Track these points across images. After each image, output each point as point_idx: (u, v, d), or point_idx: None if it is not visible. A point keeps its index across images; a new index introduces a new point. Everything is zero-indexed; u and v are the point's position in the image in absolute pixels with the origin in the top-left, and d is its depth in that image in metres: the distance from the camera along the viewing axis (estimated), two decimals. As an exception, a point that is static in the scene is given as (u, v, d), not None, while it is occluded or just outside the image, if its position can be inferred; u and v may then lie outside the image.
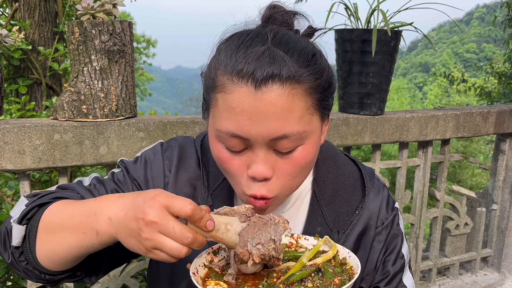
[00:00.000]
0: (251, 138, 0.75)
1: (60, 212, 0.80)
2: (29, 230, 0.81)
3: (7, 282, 1.90)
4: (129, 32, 1.57)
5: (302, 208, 0.96)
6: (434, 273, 2.52)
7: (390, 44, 1.90)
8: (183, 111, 31.61)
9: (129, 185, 0.94)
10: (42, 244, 0.80)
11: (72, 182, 0.96)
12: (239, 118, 0.74)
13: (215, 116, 0.79)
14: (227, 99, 0.75)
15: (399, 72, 68.00)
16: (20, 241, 0.81)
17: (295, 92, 0.74)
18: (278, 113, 0.73)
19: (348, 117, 1.96)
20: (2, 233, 0.85)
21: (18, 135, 1.43)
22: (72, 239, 0.77)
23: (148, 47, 19.43)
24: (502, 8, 8.10)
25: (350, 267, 0.78)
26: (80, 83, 1.52)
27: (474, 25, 76.77)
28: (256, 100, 0.73)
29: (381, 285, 0.96)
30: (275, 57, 0.74)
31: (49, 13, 2.81)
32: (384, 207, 0.98)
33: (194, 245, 0.68)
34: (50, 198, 0.85)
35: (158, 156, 0.96)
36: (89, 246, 0.76)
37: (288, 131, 0.75)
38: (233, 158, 0.79)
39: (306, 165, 0.81)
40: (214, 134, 0.81)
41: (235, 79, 0.74)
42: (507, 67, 9.34)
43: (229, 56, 0.77)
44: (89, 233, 0.74)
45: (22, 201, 0.87)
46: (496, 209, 2.67)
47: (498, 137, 2.63)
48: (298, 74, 0.74)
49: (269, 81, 0.73)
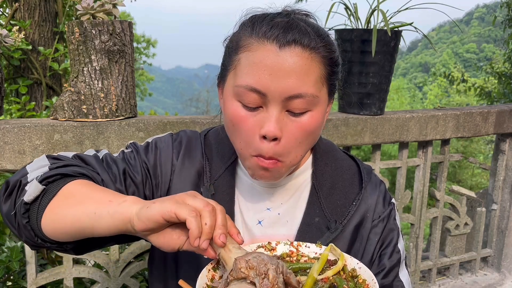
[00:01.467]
0: (269, 94, 0.81)
1: (87, 187, 0.85)
2: (45, 193, 0.84)
3: (7, 282, 1.90)
4: (129, 32, 1.57)
5: (301, 199, 1.00)
6: (434, 273, 2.52)
7: (390, 44, 1.90)
8: (183, 111, 31.59)
9: (138, 168, 0.97)
10: (54, 207, 0.83)
11: (88, 155, 0.97)
12: (261, 73, 0.81)
13: (237, 74, 0.85)
14: (251, 56, 0.82)
15: (399, 72, 68.00)
16: (32, 199, 0.83)
17: (313, 58, 0.83)
18: (297, 72, 0.81)
19: (348, 117, 1.95)
20: (11, 183, 0.87)
21: (18, 135, 1.43)
22: (90, 205, 0.79)
23: (148, 47, 19.44)
24: (502, 8, 8.10)
25: (363, 281, 0.77)
26: (80, 83, 1.52)
27: (474, 25, 76.75)
28: (279, 57, 0.80)
29: (378, 279, 0.96)
30: (299, 26, 0.83)
31: (49, 13, 2.81)
32: (381, 202, 1.01)
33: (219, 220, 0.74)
34: (76, 172, 0.88)
35: (169, 144, 1.02)
36: (101, 216, 0.78)
37: (304, 90, 0.82)
38: (247, 117, 0.84)
39: (312, 131, 0.87)
40: (232, 92, 0.86)
41: (261, 39, 0.82)
42: (507, 67, 9.34)
43: (256, 22, 0.85)
44: (114, 201, 0.79)
45: (43, 160, 0.90)
46: (496, 209, 2.67)
47: (498, 137, 2.62)
48: (317, 43, 0.83)
49: (292, 44, 0.81)
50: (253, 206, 0.99)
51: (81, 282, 1.94)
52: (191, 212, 0.71)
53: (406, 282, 0.98)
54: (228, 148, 1.01)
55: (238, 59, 0.85)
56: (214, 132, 1.07)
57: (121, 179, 0.94)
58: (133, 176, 0.96)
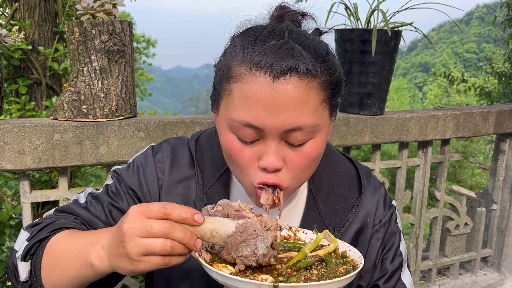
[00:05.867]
0: (265, 129, 0.76)
1: (59, 246, 0.82)
2: (34, 265, 0.84)
3: (7, 282, 1.90)
4: (129, 32, 1.57)
5: (298, 205, 0.97)
6: (434, 273, 2.52)
7: (390, 44, 1.90)
8: (183, 111, 31.58)
9: (122, 196, 0.94)
10: (47, 278, 0.83)
11: (69, 204, 0.98)
12: (255, 108, 0.75)
13: (229, 106, 0.79)
14: (243, 89, 0.76)
15: (399, 72, 67.97)
16: (27, 276, 0.84)
17: (311, 86, 0.76)
18: (294, 104, 0.75)
19: (348, 117, 1.95)
20: (10, 268, 0.88)
21: (18, 135, 1.43)
22: (71, 271, 0.78)
23: (148, 47, 19.42)
24: (502, 8, 8.09)
25: (351, 259, 0.80)
26: (80, 83, 1.52)
27: (474, 25, 76.73)
28: (274, 91, 0.74)
29: (380, 283, 0.96)
30: (294, 51, 0.75)
31: (49, 13, 2.81)
32: (382, 205, 0.99)
33: (176, 234, 0.67)
34: (50, 231, 0.86)
35: (150, 160, 0.97)
36: (86, 277, 0.78)
37: (303, 123, 0.76)
38: (244, 149, 0.80)
39: (316, 158, 0.83)
40: (226, 124, 0.81)
41: (253, 69, 0.75)
42: (507, 67, 9.34)
43: (246, 47, 0.78)
44: (85, 264, 0.76)
45: (23, 234, 0.89)
46: (496, 209, 2.67)
47: (498, 137, 2.62)
48: (315, 69, 0.76)
49: (287, 74, 0.74)
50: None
51: (81, 282, 1.93)
52: (139, 263, 0.67)
53: (408, 283, 0.97)
54: (221, 154, 0.94)
55: (230, 89, 0.79)
56: (206, 136, 1.02)
57: (106, 214, 0.93)
58: (118, 205, 0.93)
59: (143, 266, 0.68)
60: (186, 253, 0.70)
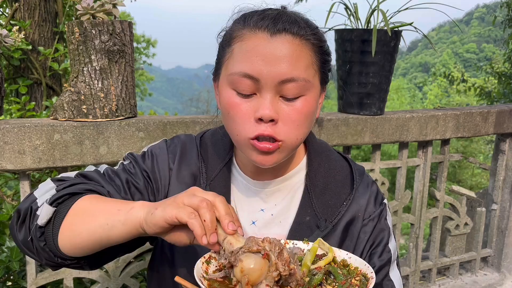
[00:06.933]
0: (262, 79, 0.84)
1: (95, 199, 0.88)
2: (56, 213, 0.87)
3: (7, 282, 1.90)
4: (129, 32, 1.57)
5: (295, 199, 1.02)
6: (434, 273, 2.52)
7: (390, 44, 1.90)
8: (183, 111, 31.60)
9: (139, 175, 1.01)
10: (68, 225, 0.85)
11: (90, 171, 1.01)
12: (253, 59, 0.84)
13: (230, 64, 0.88)
14: (243, 45, 0.86)
15: (399, 72, 67.98)
16: (46, 221, 0.86)
17: (303, 45, 0.87)
18: (288, 57, 0.84)
19: (348, 117, 1.95)
20: (22, 211, 0.90)
21: (18, 135, 1.43)
22: (102, 217, 0.82)
23: (148, 47, 19.43)
24: (502, 8, 8.10)
25: (355, 268, 0.81)
26: (80, 83, 1.52)
27: (474, 25, 76.72)
28: (270, 44, 0.84)
29: None
30: (289, 17, 0.87)
31: (49, 13, 2.81)
32: (372, 202, 1.03)
33: (207, 214, 0.74)
34: (82, 189, 0.91)
35: (163, 150, 1.05)
36: (112, 226, 0.81)
37: (296, 75, 0.85)
38: (241, 103, 0.87)
39: (307, 115, 0.89)
40: (226, 81, 0.89)
41: (253, 29, 0.86)
42: (507, 67, 9.34)
43: (247, 16, 0.89)
44: (123, 209, 0.81)
45: (48, 184, 0.93)
46: (496, 209, 2.67)
47: (498, 137, 2.62)
48: (306, 33, 0.87)
49: (283, 32, 0.85)
50: (248, 207, 1.01)
51: (81, 282, 1.94)
52: (190, 214, 0.73)
53: (397, 282, 0.98)
54: (223, 147, 1.04)
55: (232, 50, 0.88)
56: (210, 133, 1.10)
57: (126, 189, 0.98)
58: (136, 184, 0.99)
59: (181, 213, 0.74)
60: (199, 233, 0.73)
